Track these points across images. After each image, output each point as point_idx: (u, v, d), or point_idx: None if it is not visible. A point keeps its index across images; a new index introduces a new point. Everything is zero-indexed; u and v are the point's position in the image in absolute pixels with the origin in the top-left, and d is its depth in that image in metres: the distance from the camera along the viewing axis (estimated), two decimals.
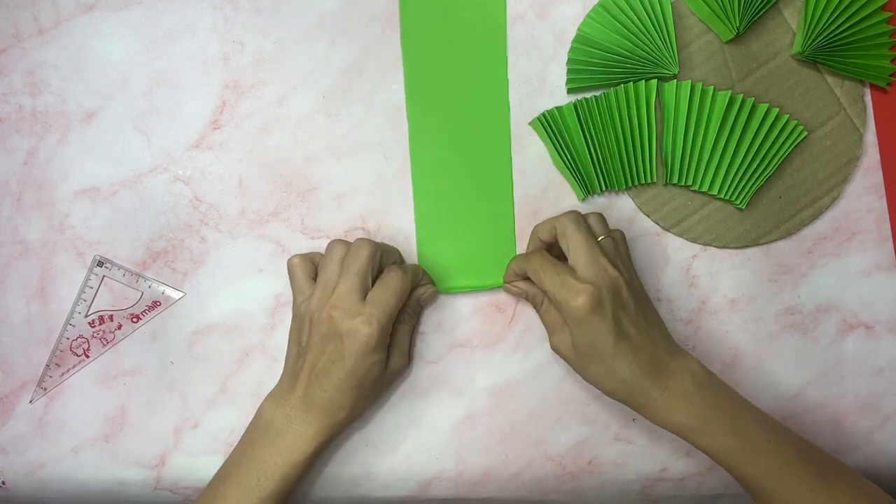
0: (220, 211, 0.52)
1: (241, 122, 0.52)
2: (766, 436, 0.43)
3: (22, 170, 0.52)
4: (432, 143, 0.52)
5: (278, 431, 0.45)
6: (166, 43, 0.52)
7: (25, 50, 0.52)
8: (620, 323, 0.43)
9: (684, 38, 0.52)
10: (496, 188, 0.52)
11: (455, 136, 0.52)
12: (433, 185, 0.52)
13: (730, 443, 0.42)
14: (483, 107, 0.52)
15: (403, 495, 0.51)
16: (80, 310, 0.52)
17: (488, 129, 0.52)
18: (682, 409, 0.43)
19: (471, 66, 0.52)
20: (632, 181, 0.51)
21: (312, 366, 0.45)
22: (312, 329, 0.45)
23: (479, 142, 0.52)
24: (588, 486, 0.51)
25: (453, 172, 0.52)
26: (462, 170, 0.52)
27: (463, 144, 0.52)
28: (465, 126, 0.52)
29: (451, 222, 0.52)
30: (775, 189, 0.52)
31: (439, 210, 0.52)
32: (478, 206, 0.52)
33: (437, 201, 0.52)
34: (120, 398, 0.52)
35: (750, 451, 0.42)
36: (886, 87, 0.52)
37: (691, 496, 0.51)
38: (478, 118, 0.52)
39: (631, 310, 0.44)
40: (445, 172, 0.52)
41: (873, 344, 0.52)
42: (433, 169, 0.52)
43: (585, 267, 0.44)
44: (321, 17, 0.52)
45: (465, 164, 0.52)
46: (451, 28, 0.51)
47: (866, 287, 0.52)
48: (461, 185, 0.52)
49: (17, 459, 0.52)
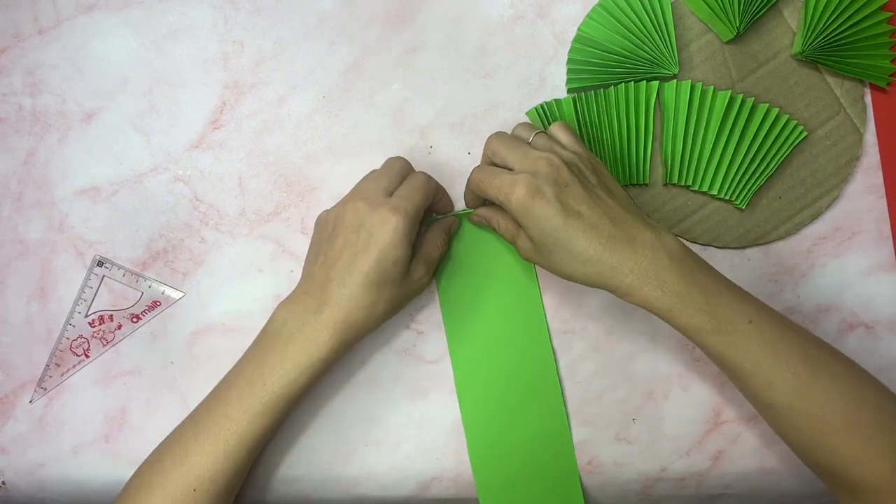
0: (220, 211, 0.52)
1: (241, 122, 0.52)
2: (745, 316, 0.41)
3: (22, 170, 0.52)
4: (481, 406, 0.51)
5: (289, 334, 0.43)
6: (166, 43, 0.52)
7: (25, 50, 0.52)
8: (566, 203, 0.41)
9: (684, 38, 0.52)
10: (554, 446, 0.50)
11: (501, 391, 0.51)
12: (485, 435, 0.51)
13: (706, 322, 0.40)
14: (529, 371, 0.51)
15: (403, 495, 0.51)
16: (80, 310, 0.52)
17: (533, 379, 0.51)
18: (656, 286, 0.41)
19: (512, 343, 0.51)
20: (624, 181, 0.51)
21: (333, 261, 0.43)
22: (336, 225, 0.44)
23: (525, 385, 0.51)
24: (588, 486, 0.51)
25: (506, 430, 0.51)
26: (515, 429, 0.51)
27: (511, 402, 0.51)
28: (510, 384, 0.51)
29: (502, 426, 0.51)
30: (775, 189, 0.52)
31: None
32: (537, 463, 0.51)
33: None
34: (120, 398, 0.52)
35: (728, 331, 0.40)
36: (886, 87, 0.52)
37: (691, 496, 0.51)
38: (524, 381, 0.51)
39: (577, 188, 0.42)
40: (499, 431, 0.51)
41: (873, 344, 0.52)
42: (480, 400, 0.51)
43: (517, 162, 0.43)
44: (321, 17, 0.52)
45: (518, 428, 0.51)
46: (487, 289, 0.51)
47: (866, 287, 0.52)
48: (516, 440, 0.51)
49: (17, 459, 0.52)
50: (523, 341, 0.51)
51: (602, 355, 0.51)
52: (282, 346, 0.43)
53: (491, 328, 0.51)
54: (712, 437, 0.50)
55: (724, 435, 0.50)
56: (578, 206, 0.42)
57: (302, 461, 0.51)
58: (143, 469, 0.45)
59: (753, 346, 0.40)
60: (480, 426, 0.51)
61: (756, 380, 0.41)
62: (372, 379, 0.51)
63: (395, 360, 0.51)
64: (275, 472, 0.51)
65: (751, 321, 0.41)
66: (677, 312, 0.41)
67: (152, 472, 0.44)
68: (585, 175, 0.43)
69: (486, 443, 0.50)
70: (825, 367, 0.41)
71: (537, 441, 0.50)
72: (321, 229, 0.46)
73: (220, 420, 0.43)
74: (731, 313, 0.41)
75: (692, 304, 0.41)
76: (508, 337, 0.51)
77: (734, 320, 0.41)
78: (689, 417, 0.51)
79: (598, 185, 0.43)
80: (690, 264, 0.42)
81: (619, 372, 0.51)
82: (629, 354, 0.51)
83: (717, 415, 0.52)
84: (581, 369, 0.51)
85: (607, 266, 0.41)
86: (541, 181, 0.41)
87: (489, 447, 0.50)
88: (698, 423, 0.51)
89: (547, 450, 0.50)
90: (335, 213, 0.45)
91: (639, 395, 0.51)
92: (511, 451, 0.50)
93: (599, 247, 0.41)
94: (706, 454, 0.50)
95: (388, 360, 0.51)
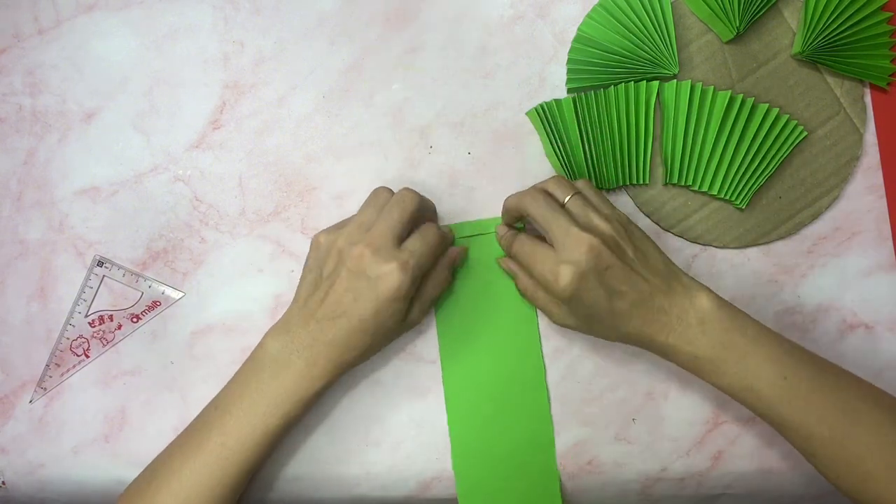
0: (220, 211, 0.52)
1: (241, 122, 0.52)
2: (781, 372, 0.41)
3: (22, 170, 0.52)
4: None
5: (285, 365, 0.44)
6: (166, 43, 0.52)
7: (25, 50, 0.52)
8: (609, 285, 0.42)
9: (684, 38, 0.52)
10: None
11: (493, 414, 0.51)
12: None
13: (739, 383, 0.42)
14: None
15: (403, 495, 0.51)
16: (80, 310, 0.52)
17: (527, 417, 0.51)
18: (688, 352, 0.43)
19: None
20: (624, 181, 0.51)
21: (333, 302, 0.43)
22: (340, 263, 0.44)
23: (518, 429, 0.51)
24: (588, 486, 0.51)
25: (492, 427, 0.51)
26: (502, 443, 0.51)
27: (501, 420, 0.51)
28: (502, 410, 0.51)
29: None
30: (775, 189, 0.52)
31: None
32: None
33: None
34: (120, 398, 0.52)
35: (760, 389, 0.41)
36: (886, 87, 0.52)
37: (691, 496, 0.51)
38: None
39: (618, 268, 0.42)
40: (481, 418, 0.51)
41: (873, 344, 0.52)
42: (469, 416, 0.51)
43: (561, 244, 0.43)
44: (321, 17, 0.52)
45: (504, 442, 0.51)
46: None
47: (866, 287, 0.52)
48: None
49: (17, 459, 0.52)
50: (515, 347, 0.51)
51: (602, 355, 0.51)
52: (277, 377, 0.44)
53: (483, 332, 0.51)
54: (712, 437, 0.50)
55: (724, 435, 0.50)
56: (619, 286, 0.43)
57: (302, 461, 0.51)
58: (133, 495, 0.45)
59: (789, 402, 0.41)
60: (465, 429, 0.51)
61: (794, 434, 0.42)
62: (372, 379, 0.51)
63: (396, 360, 0.51)
64: (275, 472, 0.51)
65: (785, 377, 0.42)
66: (713, 375, 0.43)
67: (144, 498, 0.44)
68: (623, 249, 0.44)
69: (469, 446, 0.51)
70: (864, 417, 0.41)
71: (520, 447, 0.50)
72: (319, 259, 0.46)
73: (216, 449, 0.43)
74: (765, 373, 0.42)
75: (725, 368, 0.42)
76: (500, 341, 0.51)
77: (768, 379, 0.42)
78: (689, 417, 0.51)
79: (634, 255, 0.44)
80: (723, 325, 0.43)
81: (619, 372, 0.51)
82: (629, 354, 0.51)
83: (716, 415, 0.52)
84: (581, 369, 0.51)
85: (646, 335, 0.44)
86: (586, 269, 0.42)
87: (472, 450, 0.51)
88: (698, 423, 0.51)
89: (529, 457, 0.50)
90: (338, 248, 0.45)
91: (639, 395, 0.51)
92: (494, 455, 0.50)
93: (639, 322, 0.43)
94: (706, 454, 0.50)
95: (389, 360, 0.51)
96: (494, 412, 0.51)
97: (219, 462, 0.43)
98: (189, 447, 0.44)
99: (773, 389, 0.41)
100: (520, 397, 0.51)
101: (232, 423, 0.43)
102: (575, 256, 0.42)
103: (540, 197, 0.45)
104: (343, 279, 0.43)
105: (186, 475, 0.43)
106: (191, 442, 0.45)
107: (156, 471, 0.45)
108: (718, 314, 0.43)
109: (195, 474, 0.43)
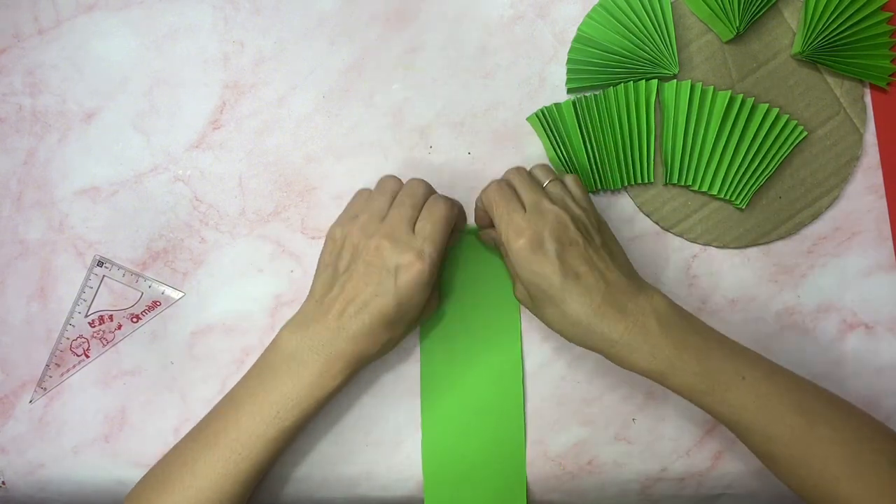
0: (220, 211, 0.52)
1: (241, 122, 0.52)
2: (739, 372, 0.41)
3: (22, 170, 0.52)
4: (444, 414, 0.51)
5: (303, 362, 0.43)
6: (166, 43, 0.52)
7: (25, 50, 0.52)
8: (566, 262, 0.41)
9: (684, 38, 0.52)
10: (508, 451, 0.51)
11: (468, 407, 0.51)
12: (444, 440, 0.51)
13: (699, 384, 0.41)
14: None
15: (403, 495, 0.51)
16: (80, 310, 0.52)
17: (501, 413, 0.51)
18: (646, 352, 0.41)
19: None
20: (628, 181, 0.51)
21: (353, 296, 0.43)
22: (357, 256, 0.43)
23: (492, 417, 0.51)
24: (588, 486, 0.51)
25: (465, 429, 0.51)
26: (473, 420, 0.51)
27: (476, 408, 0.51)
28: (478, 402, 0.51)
29: None
30: (775, 189, 0.52)
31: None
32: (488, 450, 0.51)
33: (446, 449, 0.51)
34: (120, 398, 0.52)
35: (722, 391, 0.40)
36: (886, 87, 0.52)
37: (691, 496, 0.51)
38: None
39: (580, 247, 0.42)
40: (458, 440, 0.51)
41: (873, 344, 0.52)
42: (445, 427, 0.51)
43: (529, 203, 0.43)
44: (321, 17, 0.52)
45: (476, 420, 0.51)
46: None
47: (866, 287, 0.52)
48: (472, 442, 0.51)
49: (17, 459, 0.52)
50: (495, 347, 0.51)
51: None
52: (295, 374, 0.43)
53: (465, 336, 0.51)
54: (712, 437, 0.50)
55: (724, 435, 0.50)
56: (578, 266, 0.42)
57: (302, 461, 0.51)
58: (145, 488, 0.44)
59: (748, 402, 0.41)
60: (438, 426, 0.51)
61: (754, 435, 0.41)
62: (372, 379, 0.51)
63: (396, 360, 0.51)
64: (276, 472, 0.51)
65: (744, 377, 0.41)
66: (670, 377, 0.41)
67: (155, 491, 0.44)
68: (591, 234, 0.43)
69: (440, 443, 0.50)
70: (821, 416, 0.41)
71: (491, 451, 0.50)
72: (334, 252, 0.45)
73: (231, 444, 0.43)
74: (723, 373, 0.41)
75: (684, 369, 0.41)
76: (481, 346, 0.51)
77: (727, 379, 0.41)
78: (689, 417, 0.51)
79: (601, 245, 0.43)
80: (681, 326, 0.42)
81: (619, 372, 0.51)
82: None
83: None
84: (581, 369, 0.51)
85: (597, 331, 0.41)
86: (546, 236, 0.41)
87: (443, 447, 0.50)
88: (698, 423, 0.51)
89: (499, 462, 0.50)
90: (353, 241, 0.44)
91: (639, 395, 0.51)
92: (464, 458, 0.50)
93: (591, 311, 0.41)
94: (706, 454, 0.50)
95: (389, 360, 0.51)
96: (469, 415, 0.50)
97: (232, 457, 0.43)
98: (203, 441, 0.44)
99: (733, 391, 0.41)
100: (496, 401, 0.51)
101: (245, 420, 0.43)
102: (539, 221, 0.42)
103: (524, 171, 0.46)
104: (361, 273, 0.43)
105: (200, 469, 0.43)
106: (205, 436, 0.44)
107: (170, 464, 0.44)
108: (676, 313, 0.42)
109: (208, 469, 0.43)
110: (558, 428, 0.51)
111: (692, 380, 0.41)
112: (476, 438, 0.50)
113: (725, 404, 0.41)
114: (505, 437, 0.50)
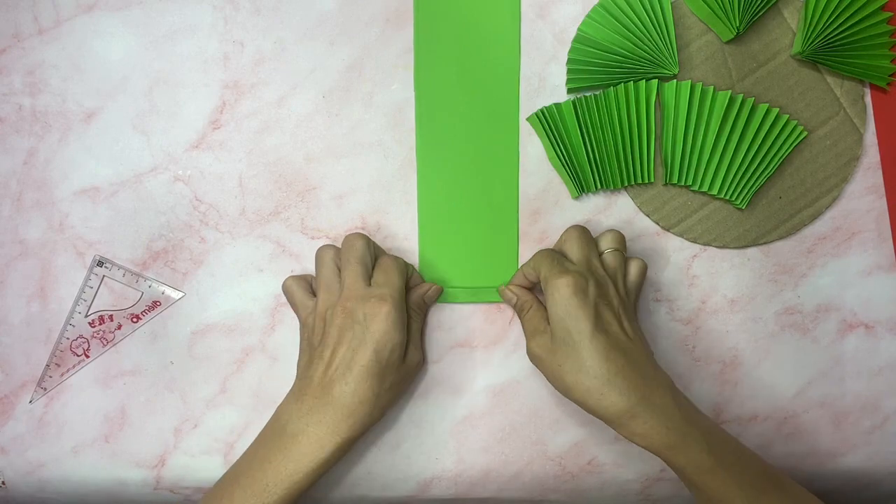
0: (220, 211, 0.52)
1: (241, 122, 0.52)
2: (733, 454, 0.43)
3: (22, 170, 0.52)
4: (439, 141, 0.52)
5: (292, 435, 0.44)
6: (166, 43, 0.52)
7: (25, 50, 0.52)
8: (601, 315, 0.43)
9: (684, 38, 0.52)
10: (502, 190, 0.52)
11: (462, 134, 0.52)
12: (438, 184, 0.52)
13: (705, 461, 0.41)
14: (493, 106, 0.52)
15: (403, 495, 0.51)
16: (80, 310, 0.52)
17: (497, 128, 0.52)
18: (662, 421, 0.42)
19: (482, 64, 0.52)
20: (629, 181, 0.51)
21: (330, 361, 0.44)
22: (327, 327, 0.45)
23: (486, 141, 0.52)
24: (588, 486, 0.51)
25: (459, 171, 0.52)
26: (468, 169, 0.52)
27: (470, 142, 0.52)
28: (473, 124, 0.52)
29: (455, 222, 0.52)
30: (775, 189, 0.52)
31: (443, 210, 0.52)
32: (482, 208, 0.52)
33: (441, 201, 0.52)
34: (120, 398, 0.52)
35: (723, 470, 0.41)
36: (886, 87, 0.52)
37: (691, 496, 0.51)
38: (486, 117, 0.52)
39: (615, 309, 0.44)
40: (451, 171, 0.52)
41: (873, 344, 0.52)
42: (439, 167, 0.52)
43: (579, 258, 0.45)
44: (321, 17, 0.52)
45: (471, 162, 0.52)
46: (464, 25, 0.51)
47: (866, 287, 0.52)
48: (466, 185, 0.52)
49: (17, 459, 0.52)
50: (492, 92, 0.52)
51: None
52: (285, 447, 0.44)
53: (462, 70, 0.52)
54: None
55: None
56: (610, 323, 0.43)
57: None
58: None
59: (741, 482, 0.41)
60: (433, 187, 0.52)
61: (711, 501, 0.42)
62: None
63: None
64: None
65: (737, 459, 0.42)
66: (680, 450, 0.42)
67: None
68: (627, 308, 0.45)
69: (435, 187, 0.52)
70: (772, 487, 0.42)
71: (486, 167, 0.52)
72: (309, 331, 0.47)
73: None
74: (724, 453, 0.42)
75: (694, 443, 0.42)
76: (478, 64, 0.52)
77: (726, 459, 0.42)
78: None
79: (630, 322, 0.45)
80: (687, 404, 0.44)
81: None
82: None
83: (717, 415, 0.52)
84: None
85: (615, 389, 0.42)
86: (590, 285, 0.43)
87: (438, 201, 0.52)
88: None
89: (494, 182, 0.52)
90: (320, 315, 0.46)
91: None
92: (459, 181, 0.52)
93: (614, 368, 0.42)
94: None
95: None
96: (465, 170, 0.52)
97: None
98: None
99: (728, 470, 0.41)
100: (492, 116, 0.52)
101: (238, 495, 0.43)
102: (587, 273, 0.44)
103: (584, 236, 0.47)
104: (335, 337, 0.45)
105: None
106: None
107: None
108: (683, 394, 0.44)
109: None
110: (558, 428, 0.51)
111: (699, 456, 0.42)
112: (470, 181, 0.52)
113: (724, 484, 0.41)
114: (499, 177, 0.52)
